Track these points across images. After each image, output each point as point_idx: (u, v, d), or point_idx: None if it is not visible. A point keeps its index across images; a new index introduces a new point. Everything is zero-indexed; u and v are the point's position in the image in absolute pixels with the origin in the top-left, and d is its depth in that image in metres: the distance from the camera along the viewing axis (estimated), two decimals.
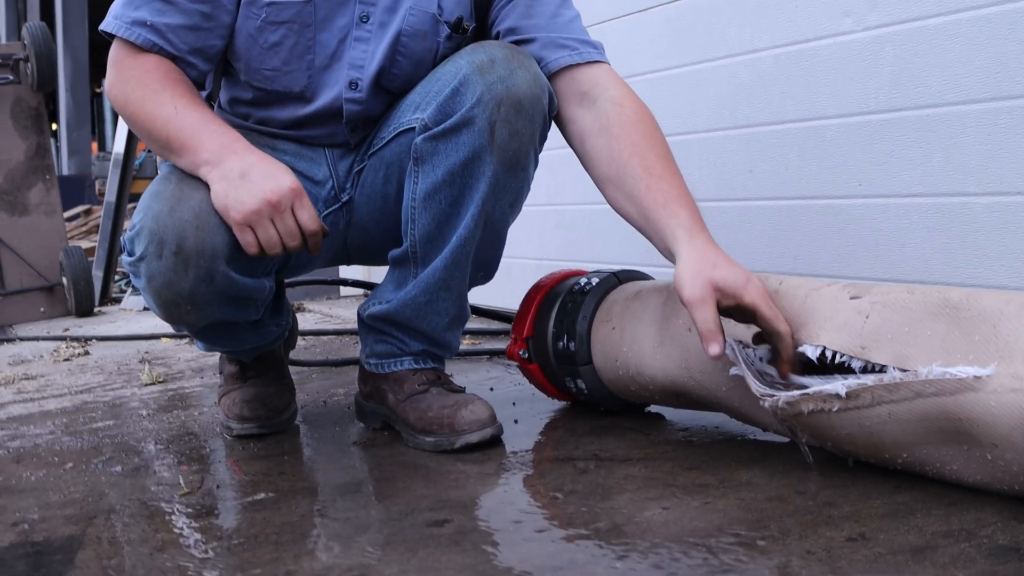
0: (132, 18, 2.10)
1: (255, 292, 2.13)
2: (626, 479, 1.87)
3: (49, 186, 5.94)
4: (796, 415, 1.76)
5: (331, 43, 2.20)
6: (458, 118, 2.07)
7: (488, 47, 2.11)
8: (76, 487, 2.06)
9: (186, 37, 2.13)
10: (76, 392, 3.25)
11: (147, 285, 2.04)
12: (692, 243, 1.92)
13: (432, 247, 2.16)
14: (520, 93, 2.06)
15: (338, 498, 1.89)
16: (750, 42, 2.96)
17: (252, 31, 2.18)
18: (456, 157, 2.09)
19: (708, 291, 1.83)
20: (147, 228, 2.00)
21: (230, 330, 2.24)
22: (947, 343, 1.60)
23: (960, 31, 2.38)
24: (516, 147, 2.09)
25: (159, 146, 2.09)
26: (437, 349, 2.28)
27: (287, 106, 2.26)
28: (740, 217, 3.02)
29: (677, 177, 2.07)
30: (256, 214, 1.97)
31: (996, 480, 1.57)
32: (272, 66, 2.21)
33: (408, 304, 2.21)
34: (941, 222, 2.44)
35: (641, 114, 2.15)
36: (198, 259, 1.99)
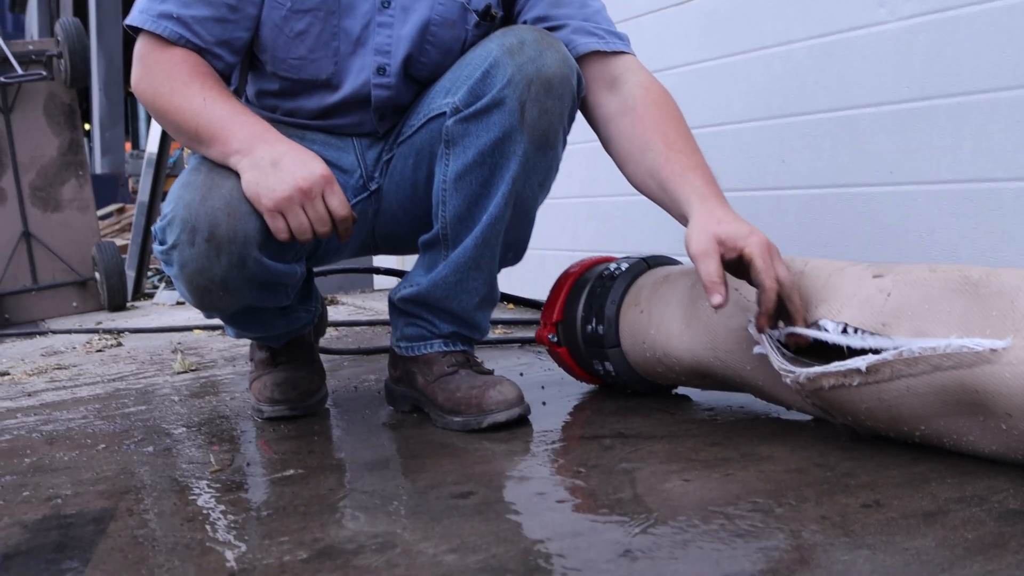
0: (158, 11, 2.14)
1: (286, 278, 2.16)
2: (649, 455, 1.89)
3: (82, 182, 5.99)
4: (817, 390, 1.78)
5: (355, 29, 2.23)
6: (489, 99, 2.10)
7: (518, 31, 2.14)
8: (108, 466, 2.10)
9: (213, 29, 2.16)
10: (108, 380, 3.29)
11: (180, 272, 2.07)
12: (703, 205, 1.97)
13: (462, 228, 2.19)
14: (550, 73, 2.09)
15: (365, 474, 1.92)
16: (784, 34, 2.98)
17: (278, 21, 2.22)
18: (487, 137, 2.12)
19: (711, 244, 1.88)
20: (179, 216, 2.03)
21: (260, 316, 2.27)
22: (965, 319, 1.62)
23: (992, 19, 2.39)
24: (546, 126, 2.12)
25: (188, 138, 2.12)
26: (467, 330, 2.30)
27: (314, 95, 2.29)
28: (772, 206, 3.04)
29: (696, 151, 2.12)
30: (287, 201, 2.00)
31: (1011, 449, 1.59)
32: (298, 55, 2.24)
33: (439, 284, 2.23)
34: (970, 208, 2.45)
35: (665, 97, 2.20)
36: (230, 245, 2.02)
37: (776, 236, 2.96)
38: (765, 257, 1.86)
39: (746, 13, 3.12)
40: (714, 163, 3.19)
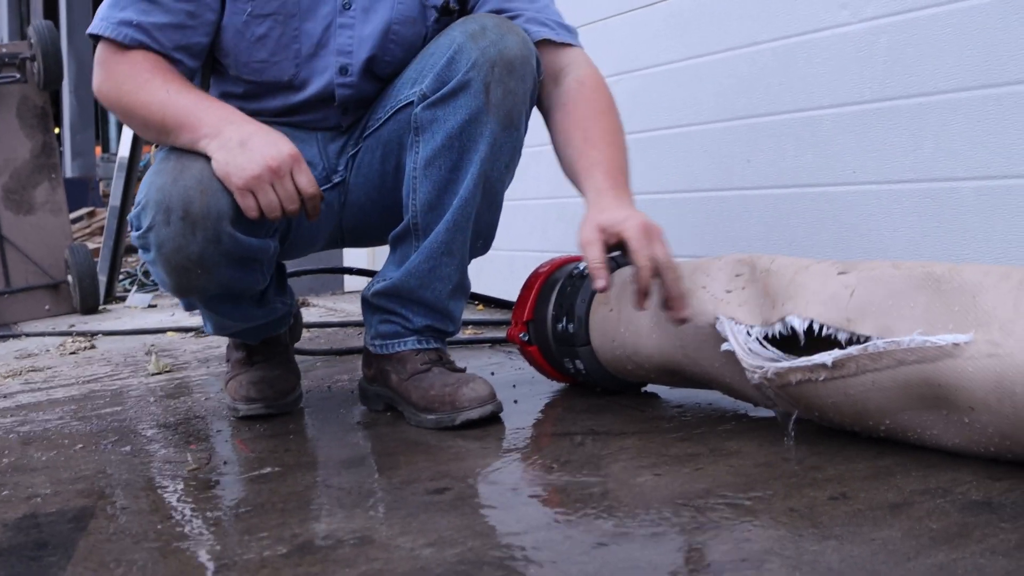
0: (118, 19, 2.18)
1: (261, 253, 2.19)
2: (620, 450, 1.93)
3: (55, 185, 5.97)
4: (784, 386, 1.82)
5: (316, 32, 2.29)
6: (455, 83, 2.16)
7: (478, 18, 2.22)
8: (86, 465, 2.12)
9: (172, 35, 2.20)
10: (83, 382, 3.30)
11: (157, 254, 2.10)
12: (595, 199, 2.14)
13: (433, 216, 2.23)
14: (512, 55, 2.16)
15: (342, 471, 1.94)
16: (750, 35, 3.02)
17: (239, 26, 2.26)
18: (455, 120, 2.17)
19: (594, 233, 2.05)
20: (152, 199, 2.07)
21: (238, 304, 2.29)
22: (929, 314, 1.66)
23: (952, 21, 2.43)
24: (510, 106, 2.19)
25: (156, 131, 2.17)
26: (440, 322, 2.32)
27: (278, 96, 2.34)
28: (739, 206, 3.08)
29: (610, 146, 2.24)
30: (257, 179, 2.04)
31: (973, 443, 1.63)
32: (260, 58, 2.29)
33: (412, 273, 2.26)
34: (931, 207, 2.50)
35: (597, 92, 2.31)
36: (204, 221, 2.05)
37: (743, 235, 3.03)
38: (639, 238, 2.01)
39: (713, 14, 3.16)
40: (682, 163, 3.25)
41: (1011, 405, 1.52)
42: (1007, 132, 2.32)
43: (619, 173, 2.20)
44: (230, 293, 2.24)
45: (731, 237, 3.13)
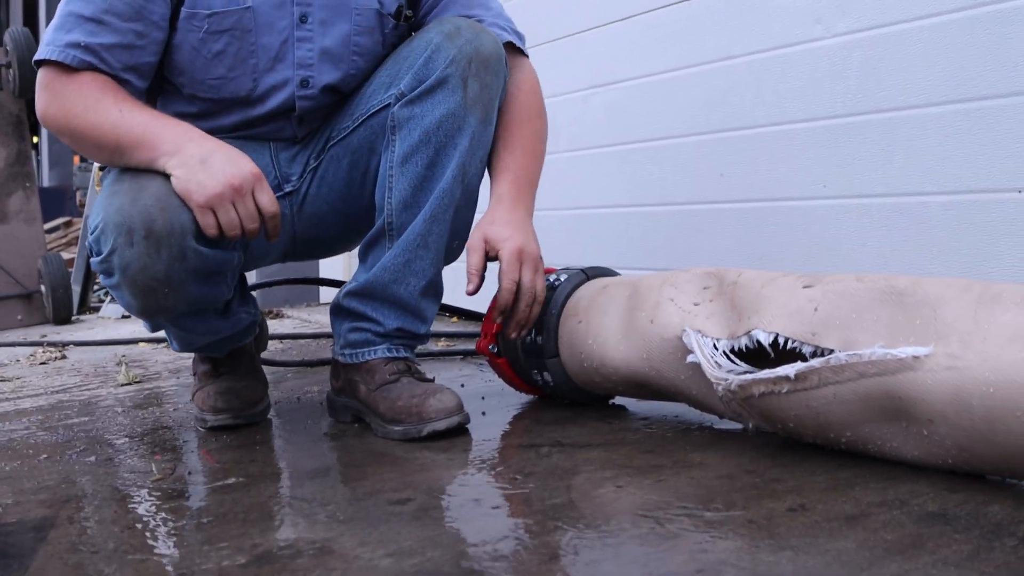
0: (65, 41, 2.14)
1: (225, 265, 2.17)
2: (584, 462, 1.93)
3: (29, 194, 5.95)
4: (747, 398, 1.83)
5: (273, 46, 2.30)
6: (434, 79, 2.20)
7: (451, 20, 2.28)
8: (50, 475, 2.10)
9: (120, 56, 2.18)
10: (52, 392, 3.29)
11: (121, 276, 2.07)
12: (493, 207, 2.29)
13: (408, 214, 2.25)
14: (487, 52, 2.23)
15: (306, 482, 1.94)
16: (725, 49, 3.03)
17: (195, 43, 2.26)
18: (433, 116, 2.21)
19: (478, 241, 2.24)
20: (112, 222, 2.04)
21: (204, 318, 2.28)
22: (892, 327, 1.67)
23: (923, 37, 2.44)
24: (487, 100, 2.25)
25: (109, 152, 2.13)
26: (411, 323, 2.32)
27: (235, 111, 2.35)
28: (712, 219, 3.09)
29: (523, 154, 2.34)
30: (218, 197, 2.03)
31: (932, 455, 1.64)
32: (218, 74, 2.29)
33: (387, 268, 2.27)
34: (900, 220, 2.51)
35: (529, 97, 2.40)
36: (168, 238, 2.03)
37: (715, 248, 3.04)
38: (511, 261, 2.21)
39: (688, 29, 3.17)
40: (656, 177, 3.26)
41: (969, 418, 1.53)
42: (975, 147, 2.34)
43: (524, 182, 2.31)
44: (196, 310, 2.23)
45: (704, 250, 3.14)
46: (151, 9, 2.20)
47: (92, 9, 2.15)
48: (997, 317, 1.55)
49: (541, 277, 2.25)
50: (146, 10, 2.20)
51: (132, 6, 2.18)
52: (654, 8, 3.31)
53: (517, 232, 2.22)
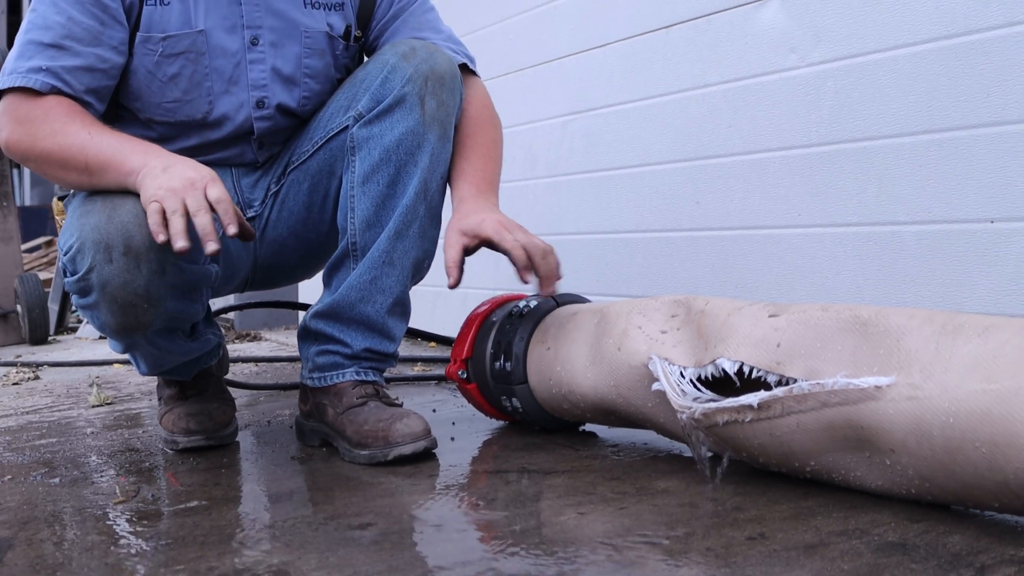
0: (27, 67, 2.15)
1: (203, 279, 2.18)
2: (549, 488, 1.92)
3: (6, 213, 5.93)
4: (711, 426, 1.82)
5: (226, 68, 2.31)
6: (391, 98, 2.22)
7: (407, 41, 2.31)
8: (12, 497, 2.09)
9: (83, 78, 2.19)
10: (22, 413, 3.27)
11: (101, 294, 2.06)
12: (458, 208, 2.28)
13: (372, 233, 2.25)
14: (442, 70, 2.25)
15: (269, 505, 1.93)
16: (701, 77, 3.04)
17: (150, 67, 2.27)
18: (392, 135, 2.22)
19: (453, 237, 2.20)
20: (89, 239, 2.04)
21: (174, 338, 2.28)
22: (855, 357, 1.66)
23: (897, 67, 2.45)
24: (444, 117, 2.26)
25: (77, 173, 2.11)
26: (380, 342, 2.31)
27: (193, 135, 2.35)
28: (687, 247, 3.09)
29: (481, 159, 2.35)
30: (169, 190, 1.97)
31: (895, 484, 1.63)
32: (173, 97, 2.30)
33: (353, 287, 2.27)
34: (873, 250, 2.51)
35: (478, 110, 2.42)
36: (148, 254, 2.03)
37: (690, 276, 3.04)
38: (499, 231, 2.18)
39: (665, 56, 3.18)
40: (632, 204, 3.26)
41: (929, 447, 1.52)
42: (948, 177, 2.35)
43: (484, 182, 2.31)
44: (170, 327, 2.22)
45: (679, 277, 3.14)
46: (109, 34, 2.22)
47: (52, 36, 2.17)
48: (959, 348, 1.55)
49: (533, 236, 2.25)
50: (104, 35, 2.22)
51: (91, 31, 2.20)
52: (632, 35, 3.32)
53: (490, 213, 2.23)
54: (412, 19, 2.46)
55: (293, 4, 2.36)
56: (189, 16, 2.28)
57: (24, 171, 17.47)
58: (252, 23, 2.32)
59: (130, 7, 2.25)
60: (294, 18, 2.35)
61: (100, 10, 2.21)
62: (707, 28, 3.02)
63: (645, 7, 3.26)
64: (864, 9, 2.54)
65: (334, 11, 2.41)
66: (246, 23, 2.32)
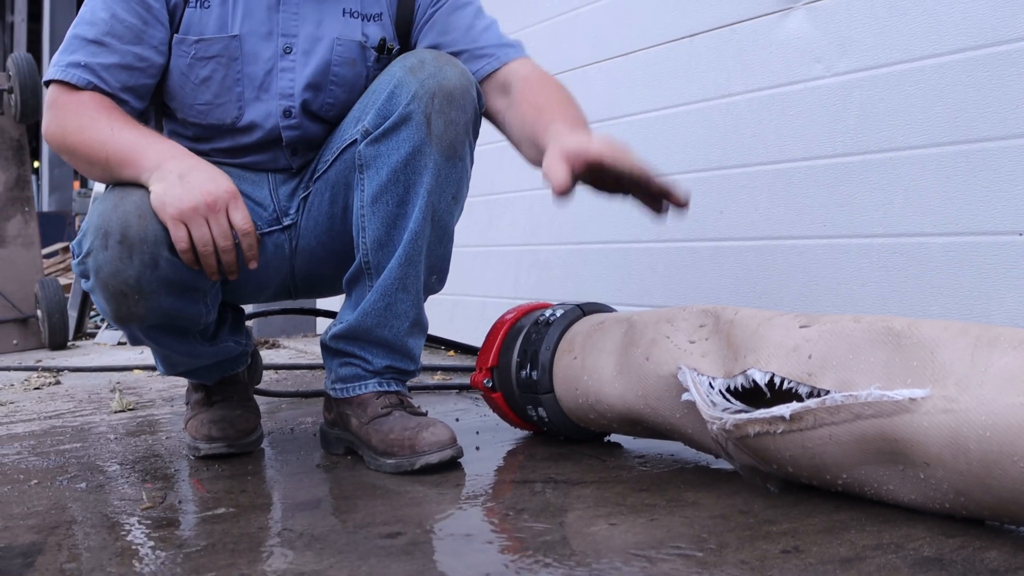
0: (68, 61, 2.22)
1: (201, 281, 2.18)
2: (578, 499, 1.91)
3: (28, 218, 5.95)
4: (742, 437, 1.81)
5: (258, 75, 2.32)
6: (396, 116, 2.18)
7: (417, 53, 2.26)
8: (40, 501, 2.09)
9: (119, 75, 2.23)
10: (45, 418, 3.27)
11: (95, 279, 2.11)
12: (556, 138, 2.04)
13: (383, 253, 2.23)
14: (451, 86, 2.19)
15: (296, 513, 1.92)
16: (725, 87, 3.04)
17: (184, 68, 2.30)
18: (398, 155, 2.19)
19: (557, 157, 1.93)
20: (93, 225, 2.10)
21: (184, 339, 2.29)
22: (888, 369, 1.65)
23: (923, 78, 2.45)
24: (452, 136, 2.21)
25: (100, 168, 2.17)
26: (400, 361, 2.32)
27: (225, 138, 2.37)
28: (710, 257, 3.09)
29: (566, 106, 2.27)
30: (191, 210, 2.05)
31: (928, 499, 1.62)
32: (204, 100, 2.32)
33: (368, 313, 2.26)
34: (899, 261, 2.50)
35: (543, 80, 2.36)
36: (141, 245, 2.06)
37: (713, 287, 3.03)
38: (613, 150, 1.95)
39: (688, 65, 3.17)
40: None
41: (965, 461, 1.51)
42: (975, 188, 2.34)
43: (577, 121, 2.20)
44: (174, 325, 2.23)
45: (702, 288, 3.13)
46: (151, 33, 2.26)
47: (95, 32, 2.22)
48: (995, 360, 1.54)
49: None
50: (146, 34, 2.25)
51: (132, 30, 2.23)
52: (655, 44, 3.32)
53: (592, 137, 2.01)
54: (440, 20, 2.41)
55: (331, 13, 2.36)
56: (227, 20, 2.29)
57: (43, 177, 17.54)
58: (287, 31, 2.32)
59: (174, 8, 2.28)
60: (330, 26, 2.35)
61: (144, 9, 2.25)
62: (732, 37, 3.01)
63: (669, 16, 3.26)
64: (890, 19, 2.54)
65: (372, 21, 2.40)
66: (282, 31, 2.32)
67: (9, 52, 18.90)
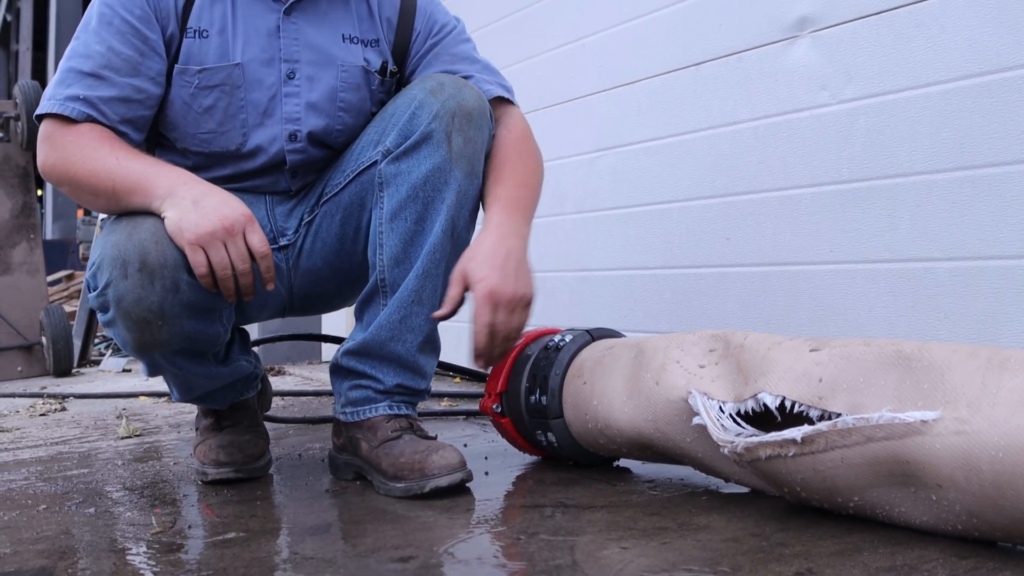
0: (65, 95, 2.21)
1: (219, 301, 2.18)
2: (589, 523, 1.91)
3: (33, 245, 5.96)
4: (754, 461, 1.81)
5: (261, 101, 2.34)
6: (418, 135, 2.21)
7: (435, 76, 2.31)
8: (48, 526, 2.09)
9: (118, 108, 2.23)
10: (51, 444, 3.27)
11: (116, 310, 2.10)
12: (480, 240, 2.22)
13: (400, 270, 2.25)
14: (470, 106, 2.24)
15: (307, 538, 1.92)
16: (731, 114, 3.05)
17: (186, 98, 2.31)
18: (419, 171, 2.22)
19: (459, 274, 2.19)
20: (108, 256, 2.09)
21: (201, 361, 2.29)
22: (899, 391, 1.66)
23: (929, 104, 2.46)
24: (471, 154, 2.25)
25: (106, 199, 2.17)
26: (411, 379, 2.32)
27: (228, 165, 2.38)
28: (717, 283, 3.09)
29: (515, 186, 2.32)
30: (209, 235, 2.07)
31: (941, 520, 1.62)
32: (208, 129, 2.33)
33: (383, 326, 2.27)
34: (906, 286, 2.51)
35: (516, 139, 2.39)
36: (162, 270, 2.07)
37: (720, 312, 3.03)
38: (482, 304, 2.14)
39: (694, 93, 3.19)
40: (661, 240, 3.27)
41: (978, 483, 1.52)
42: (982, 213, 2.35)
43: (515, 208, 2.27)
44: (193, 349, 2.24)
45: (708, 314, 3.14)
46: (148, 65, 2.27)
47: (91, 65, 2.22)
48: (1005, 382, 1.54)
49: (519, 315, 2.19)
50: (143, 66, 2.26)
51: (129, 62, 2.24)
52: (661, 73, 3.33)
53: (494, 272, 2.15)
54: (446, 52, 2.47)
55: (331, 39, 2.38)
56: (227, 49, 2.31)
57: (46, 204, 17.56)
58: (290, 57, 2.34)
59: (170, 39, 2.29)
60: (331, 52, 2.37)
61: (140, 41, 2.25)
62: (737, 65, 3.03)
63: (675, 45, 3.27)
64: (895, 47, 2.55)
65: (371, 47, 2.43)
66: (283, 56, 2.34)
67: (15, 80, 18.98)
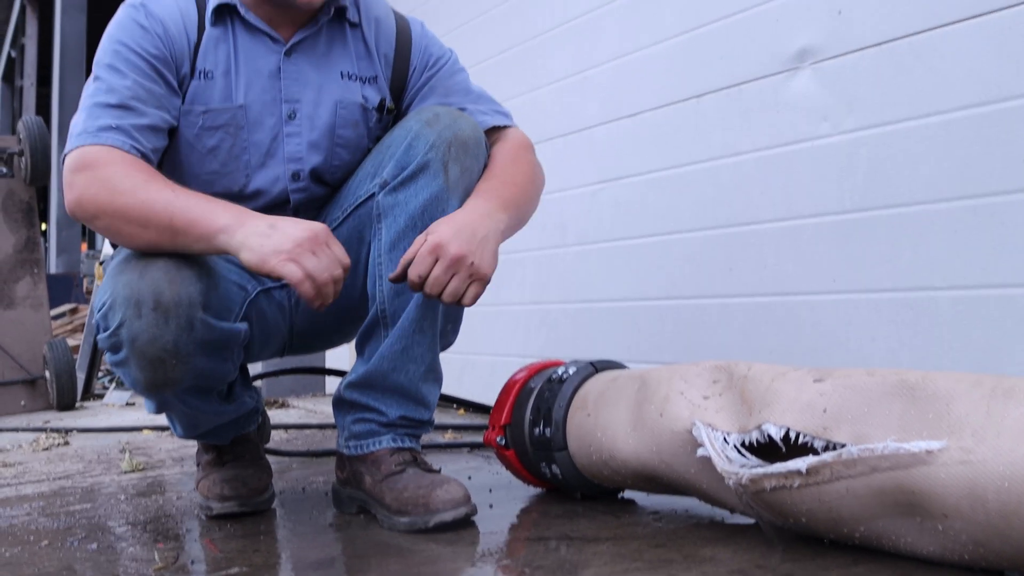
0: (97, 127, 2.17)
1: (232, 337, 2.19)
2: (594, 556, 1.91)
3: (37, 280, 5.96)
4: (759, 492, 1.81)
5: (264, 142, 2.35)
6: (415, 165, 2.22)
7: (430, 108, 2.32)
8: (50, 562, 2.08)
9: (150, 137, 2.23)
10: (54, 478, 3.26)
11: (130, 349, 2.07)
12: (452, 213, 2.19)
13: (400, 301, 2.25)
14: (465, 136, 2.25)
15: (311, 572, 1.92)
16: (733, 146, 3.05)
17: (191, 138, 2.32)
18: (417, 201, 2.22)
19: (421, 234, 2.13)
20: (120, 295, 2.07)
21: (207, 399, 2.29)
22: (903, 421, 1.66)
23: (930, 134, 2.46)
24: (467, 183, 2.26)
25: (157, 231, 2.09)
26: (414, 409, 2.31)
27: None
28: (719, 314, 3.09)
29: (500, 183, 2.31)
30: (298, 248, 2.04)
31: (947, 551, 1.62)
32: (211, 169, 2.34)
33: (385, 357, 2.27)
34: (908, 316, 2.51)
35: (512, 148, 2.42)
36: (176, 309, 2.06)
37: (722, 343, 3.03)
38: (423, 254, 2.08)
39: (696, 125, 3.19)
40: (663, 271, 3.27)
41: (984, 512, 1.51)
42: (984, 242, 2.34)
43: (493, 197, 2.26)
44: (202, 387, 2.23)
45: (711, 344, 3.13)
46: (171, 100, 2.28)
47: (118, 98, 2.21)
48: (1011, 411, 1.54)
49: (459, 280, 2.10)
50: (165, 99, 2.27)
51: (154, 94, 2.25)
52: (663, 105, 3.34)
53: (450, 230, 2.11)
54: (440, 84, 2.48)
55: (330, 76, 2.39)
56: (231, 90, 2.32)
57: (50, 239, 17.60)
58: (290, 97, 2.35)
59: (182, 79, 2.30)
60: (331, 90, 2.39)
61: (160, 78, 2.26)
62: (739, 97, 3.03)
63: (676, 77, 3.28)
64: (896, 77, 2.56)
65: (369, 84, 2.44)
66: (284, 97, 2.35)
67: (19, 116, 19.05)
